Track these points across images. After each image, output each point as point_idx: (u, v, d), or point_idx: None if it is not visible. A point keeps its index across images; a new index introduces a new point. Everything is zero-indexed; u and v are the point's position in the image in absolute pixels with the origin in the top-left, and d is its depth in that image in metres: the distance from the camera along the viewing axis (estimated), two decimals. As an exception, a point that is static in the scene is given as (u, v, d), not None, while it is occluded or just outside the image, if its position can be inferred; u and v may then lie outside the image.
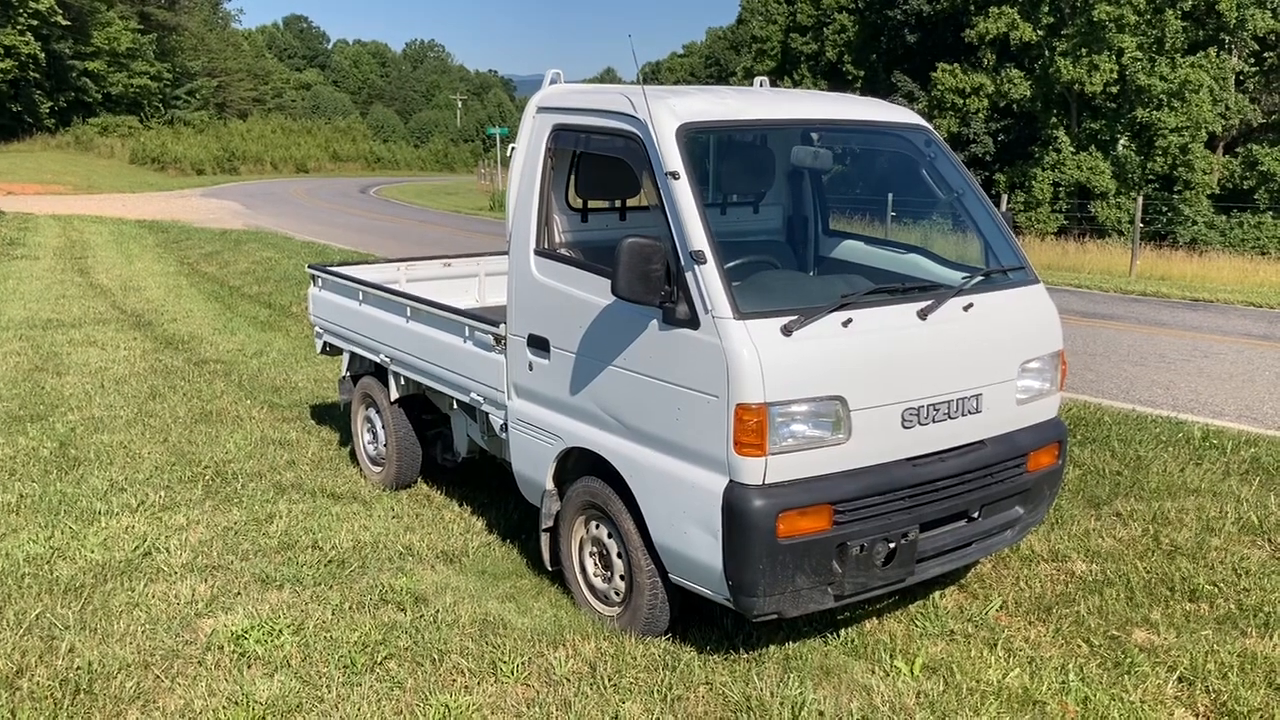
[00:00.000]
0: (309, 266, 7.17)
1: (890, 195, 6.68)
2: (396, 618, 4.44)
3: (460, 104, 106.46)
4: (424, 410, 6.30)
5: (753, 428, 3.71)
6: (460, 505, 6.14)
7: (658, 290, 3.89)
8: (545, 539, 4.88)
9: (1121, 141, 37.88)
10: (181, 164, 56.15)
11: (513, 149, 4.92)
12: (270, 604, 4.55)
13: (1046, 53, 38.38)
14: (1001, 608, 4.81)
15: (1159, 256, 22.57)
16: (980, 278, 4.47)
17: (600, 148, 4.55)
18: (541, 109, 4.82)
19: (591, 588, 4.69)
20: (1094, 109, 38.44)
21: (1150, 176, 36.71)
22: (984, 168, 40.33)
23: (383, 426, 6.40)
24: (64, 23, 54.03)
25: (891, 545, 4.00)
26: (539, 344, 4.69)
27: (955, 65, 40.83)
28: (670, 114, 4.16)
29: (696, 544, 3.94)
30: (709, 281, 3.82)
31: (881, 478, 3.97)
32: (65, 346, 10.28)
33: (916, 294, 4.23)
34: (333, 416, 7.97)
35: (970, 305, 4.27)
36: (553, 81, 4.93)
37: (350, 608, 4.55)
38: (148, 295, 14.16)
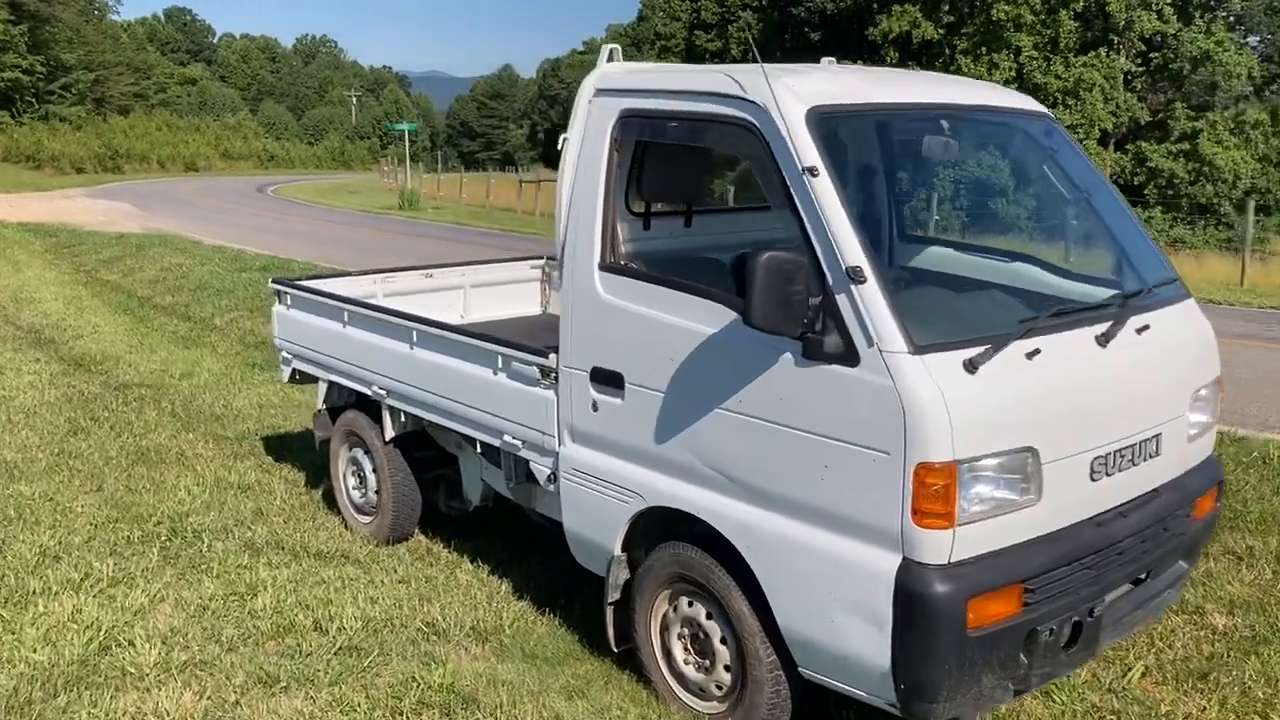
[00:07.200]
0: (273, 280, 6.08)
1: (1007, 194, 5.90)
2: (446, 729, 3.53)
3: (355, 100, 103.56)
4: (420, 446, 5.35)
5: (938, 493, 2.93)
6: (474, 564, 5.20)
7: (800, 317, 3.08)
8: (610, 614, 4.02)
9: (1020, 138, 38.54)
10: (60, 162, 53.19)
11: (565, 140, 4.04)
12: (281, 716, 3.58)
13: (948, 51, 38.80)
14: (1144, 675, 4.14)
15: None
16: (1142, 293, 3.75)
17: (691, 138, 3.72)
18: (602, 91, 3.95)
19: (681, 678, 3.84)
20: (996, 107, 39.01)
21: (1047, 172, 37.43)
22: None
23: (373, 470, 5.42)
24: (-74, 12, 50.45)
25: (1076, 622, 3.28)
26: (608, 379, 3.82)
27: (859, 63, 40.93)
28: (793, 95, 3.35)
29: (850, 636, 3.14)
30: (872, 305, 3.02)
31: (1070, 544, 3.24)
32: (-44, 372, 8.91)
33: (1087, 315, 3.50)
34: (291, 451, 6.92)
35: (1146, 327, 3.56)
36: (610, 58, 4.06)
37: (382, 716, 3.62)
38: (44, 308, 12.66)
